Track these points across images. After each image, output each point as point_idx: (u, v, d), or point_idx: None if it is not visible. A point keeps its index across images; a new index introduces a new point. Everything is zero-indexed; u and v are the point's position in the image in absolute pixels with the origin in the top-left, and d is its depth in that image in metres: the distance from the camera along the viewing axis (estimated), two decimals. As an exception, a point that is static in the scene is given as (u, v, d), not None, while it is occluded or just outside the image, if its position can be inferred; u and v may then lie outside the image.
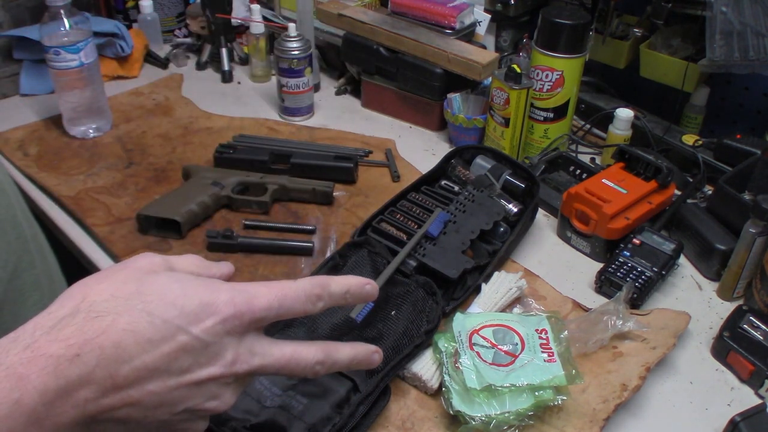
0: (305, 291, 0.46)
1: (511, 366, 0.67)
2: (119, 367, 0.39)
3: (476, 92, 1.18)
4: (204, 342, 0.41)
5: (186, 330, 0.41)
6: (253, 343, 0.44)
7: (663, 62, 1.12)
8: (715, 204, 0.93)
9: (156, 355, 0.40)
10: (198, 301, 0.42)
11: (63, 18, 1.05)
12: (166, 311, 0.41)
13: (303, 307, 0.46)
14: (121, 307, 0.40)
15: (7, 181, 0.68)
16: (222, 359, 0.42)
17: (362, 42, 1.22)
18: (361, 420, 0.64)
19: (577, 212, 0.91)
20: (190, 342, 0.41)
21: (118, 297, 0.41)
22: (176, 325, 0.40)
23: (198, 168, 1.02)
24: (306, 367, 0.46)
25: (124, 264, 0.45)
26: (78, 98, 1.11)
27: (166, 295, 0.41)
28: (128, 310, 0.40)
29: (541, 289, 0.85)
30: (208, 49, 1.39)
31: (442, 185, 0.94)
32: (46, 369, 0.37)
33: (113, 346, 0.39)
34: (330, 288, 0.47)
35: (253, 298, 0.43)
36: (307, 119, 1.24)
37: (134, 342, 0.39)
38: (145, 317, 0.40)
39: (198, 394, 0.42)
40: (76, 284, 0.43)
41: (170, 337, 0.40)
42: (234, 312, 0.42)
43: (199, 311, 0.41)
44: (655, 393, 0.73)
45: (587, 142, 1.17)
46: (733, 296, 0.85)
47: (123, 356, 0.39)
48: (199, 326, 0.41)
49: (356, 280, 0.49)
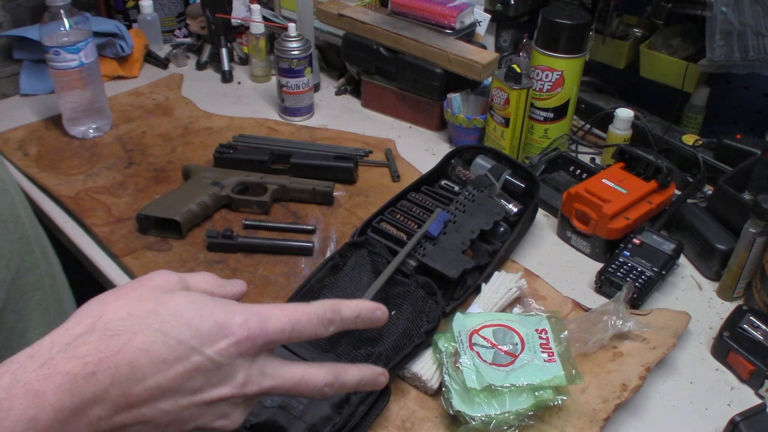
0: (318, 315, 0.47)
1: (511, 366, 0.67)
2: (133, 386, 0.39)
3: (476, 92, 1.18)
4: (217, 363, 0.42)
5: (200, 351, 0.41)
6: (264, 364, 0.45)
7: (663, 62, 1.12)
8: (715, 204, 0.93)
9: (169, 374, 0.40)
10: (213, 322, 0.43)
11: (63, 18, 1.05)
12: (181, 332, 0.41)
13: (315, 331, 0.47)
14: (137, 327, 0.41)
15: (10, 180, 0.68)
16: (234, 380, 0.43)
17: (362, 42, 1.22)
18: (361, 420, 0.64)
19: (577, 212, 0.91)
20: (203, 363, 0.42)
21: (134, 316, 0.41)
22: (190, 346, 0.41)
23: (198, 168, 1.02)
24: (315, 389, 0.47)
25: (140, 281, 0.45)
26: (78, 98, 1.11)
27: (181, 316, 0.42)
28: (144, 329, 0.41)
29: (541, 289, 0.85)
30: (208, 49, 1.39)
31: (442, 185, 0.94)
32: (62, 387, 0.38)
33: (128, 365, 0.39)
34: (342, 312, 0.48)
35: (267, 321, 0.44)
36: (307, 119, 1.24)
37: (149, 361, 0.40)
38: (161, 337, 0.41)
39: (208, 413, 0.43)
40: (92, 300, 0.44)
41: (184, 358, 0.41)
42: (248, 334, 0.43)
43: (213, 332, 0.42)
44: (655, 393, 0.73)
45: (587, 142, 1.17)
46: (733, 296, 0.85)
47: (137, 375, 0.40)
48: (213, 348, 0.42)
49: (367, 306, 0.50)
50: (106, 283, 0.88)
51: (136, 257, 0.88)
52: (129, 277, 0.86)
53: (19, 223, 0.65)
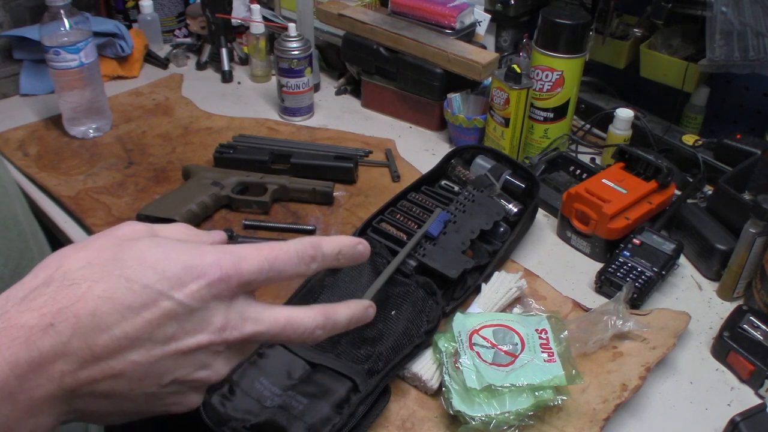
0: (297, 252, 0.43)
1: (511, 366, 0.67)
2: (97, 337, 0.36)
3: (476, 92, 1.18)
4: (189, 307, 0.39)
5: (168, 295, 0.38)
6: (244, 308, 0.41)
7: (663, 62, 1.12)
8: (715, 204, 0.92)
9: (137, 322, 0.37)
10: (181, 264, 0.39)
11: (63, 18, 1.05)
12: (146, 276, 0.38)
13: (296, 269, 0.43)
14: (98, 274, 0.38)
15: (8, 178, 0.68)
16: (210, 326, 0.40)
17: (362, 42, 1.22)
18: (361, 420, 0.64)
19: (577, 212, 0.91)
20: (173, 308, 0.38)
21: (94, 264, 0.38)
22: (157, 290, 0.38)
23: (198, 168, 1.02)
24: (305, 333, 0.43)
25: (105, 232, 0.42)
26: (78, 98, 1.11)
27: (145, 260, 0.39)
28: (105, 276, 0.37)
29: (541, 289, 0.85)
30: (208, 49, 1.39)
31: (442, 185, 0.94)
32: (17, 340, 0.35)
33: (89, 314, 0.36)
34: (322, 248, 0.44)
35: (242, 261, 0.40)
36: (307, 119, 1.24)
37: (112, 309, 0.37)
38: (124, 283, 0.37)
39: (186, 364, 0.40)
40: (52, 254, 0.40)
41: (151, 304, 0.38)
42: (220, 275, 0.39)
43: (182, 275, 0.39)
44: (655, 393, 0.73)
45: (587, 142, 1.17)
46: (733, 296, 0.85)
47: (101, 325, 0.36)
48: (182, 291, 0.38)
49: (348, 240, 0.46)
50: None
51: (136, 257, 0.88)
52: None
53: (16, 221, 0.65)
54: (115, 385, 0.38)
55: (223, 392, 0.65)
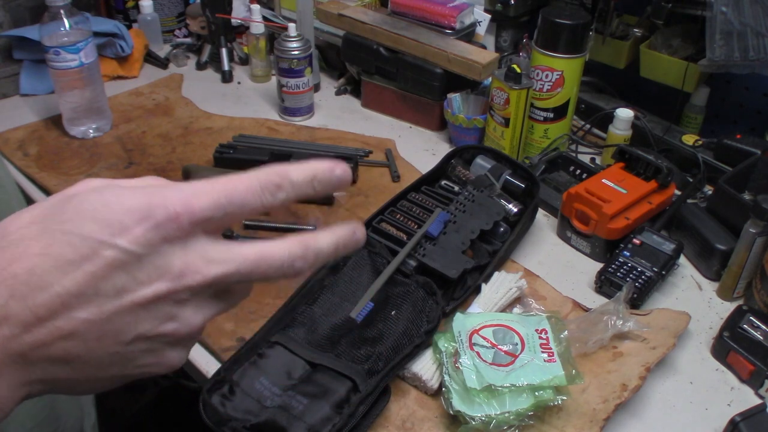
0: (260, 180, 0.38)
1: (511, 366, 0.67)
2: (37, 296, 0.34)
3: (476, 92, 1.18)
4: (135, 255, 0.35)
5: (110, 244, 0.34)
6: (206, 248, 0.37)
7: (663, 62, 1.12)
8: (715, 204, 0.92)
9: (78, 276, 0.34)
10: (123, 209, 0.35)
11: (63, 18, 1.05)
12: (84, 226, 0.35)
13: (260, 200, 0.38)
14: (35, 232, 0.35)
15: (7, 177, 0.67)
16: (167, 273, 0.36)
17: (362, 42, 1.22)
18: (361, 420, 0.64)
19: (577, 212, 0.91)
20: (117, 256, 0.34)
21: (34, 223, 0.35)
22: (98, 240, 0.34)
23: (198, 168, 1.02)
24: (283, 265, 0.39)
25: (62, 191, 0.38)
26: (78, 98, 1.11)
27: (84, 210, 0.35)
28: (43, 233, 0.35)
29: (541, 289, 0.85)
30: (208, 49, 1.39)
31: (442, 185, 0.94)
32: None
33: (27, 273, 0.34)
34: (290, 175, 0.39)
35: (192, 197, 0.37)
36: (307, 119, 1.24)
37: (51, 266, 0.34)
38: (61, 237, 0.34)
39: (148, 318, 0.36)
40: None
41: (92, 254, 0.34)
42: (168, 214, 0.35)
43: (124, 220, 0.35)
44: (655, 393, 0.73)
45: (587, 142, 1.17)
46: (733, 296, 0.85)
47: (39, 283, 0.34)
48: (125, 237, 0.35)
49: (324, 164, 0.41)
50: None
51: (136, 257, 0.88)
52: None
53: None
54: (69, 347, 0.35)
55: (223, 392, 0.65)
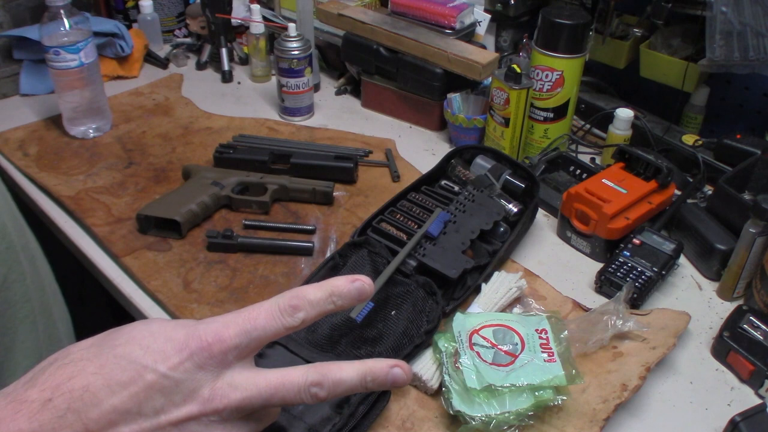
0: (278, 306, 0.44)
1: (511, 366, 0.67)
2: (89, 411, 0.39)
3: (476, 92, 1.18)
4: (174, 380, 0.41)
5: (153, 369, 0.41)
6: (234, 376, 0.43)
7: (663, 62, 1.12)
8: (715, 204, 0.93)
9: (124, 396, 0.40)
10: (164, 338, 0.42)
11: (63, 18, 1.05)
12: (132, 352, 0.41)
13: (281, 323, 0.44)
14: (93, 353, 0.41)
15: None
16: (198, 396, 0.42)
17: (362, 42, 1.22)
18: (361, 420, 0.64)
19: (577, 212, 0.91)
20: (158, 380, 0.41)
21: (94, 345, 0.42)
22: (143, 365, 0.41)
23: (198, 168, 1.02)
24: (300, 391, 0.43)
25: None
26: (78, 98, 1.11)
27: (133, 338, 0.42)
28: (99, 354, 0.41)
29: (541, 289, 0.85)
30: (208, 49, 1.39)
31: (442, 185, 0.94)
32: (20, 413, 0.38)
33: (82, 389, 0.39)
34: (308, 297, 0.44)
35: (222, 328, 0.43)
36: (307, 119, 1.24)
37: (103, 385, 0.40)
38: (113, 360, 0.40)
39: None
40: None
41: (138, 377, 0.40)
42: (201, 345, 0.42)
43: (166, 349, 0.41)
44: (655, 393, 0.73)
45: (587, 142, 1.17)
46: (733, 296, 0.85)
47: (92, 400, 0.39)
48: (166, 364, 0.41)
49: (341, 280, 0.45)
50: (106, 283, 0.88)
51: (136, 257, 0.88)
52: (129, 277, 0.86)
53: (5, 233, 0.63)
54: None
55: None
